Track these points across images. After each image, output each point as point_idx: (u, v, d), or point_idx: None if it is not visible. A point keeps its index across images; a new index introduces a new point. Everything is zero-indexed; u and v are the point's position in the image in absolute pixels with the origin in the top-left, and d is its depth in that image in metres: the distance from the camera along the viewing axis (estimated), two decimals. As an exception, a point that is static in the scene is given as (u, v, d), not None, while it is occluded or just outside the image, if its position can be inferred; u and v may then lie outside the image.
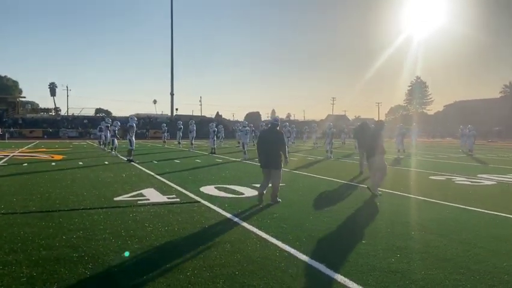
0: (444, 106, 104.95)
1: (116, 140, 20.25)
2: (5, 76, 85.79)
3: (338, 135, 41.21)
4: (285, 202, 7.64)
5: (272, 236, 5.28)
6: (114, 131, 20.57)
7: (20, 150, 23.27)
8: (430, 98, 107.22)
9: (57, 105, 79.89)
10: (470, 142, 24.75)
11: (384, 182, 8.99)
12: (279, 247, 4.81)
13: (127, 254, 4.46)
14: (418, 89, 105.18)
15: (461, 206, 7.56)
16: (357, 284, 3.73)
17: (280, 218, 6.36)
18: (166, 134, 32.38)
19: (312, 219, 6.29)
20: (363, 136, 12.84)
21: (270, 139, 7.82)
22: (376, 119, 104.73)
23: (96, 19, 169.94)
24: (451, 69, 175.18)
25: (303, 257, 4.44)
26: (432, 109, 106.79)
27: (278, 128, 8.14)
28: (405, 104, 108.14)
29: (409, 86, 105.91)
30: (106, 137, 25.73)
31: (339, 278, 3.86)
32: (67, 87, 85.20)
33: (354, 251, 4.68)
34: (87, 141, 38.78)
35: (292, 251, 4.67)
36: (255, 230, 5.59)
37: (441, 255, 4.63)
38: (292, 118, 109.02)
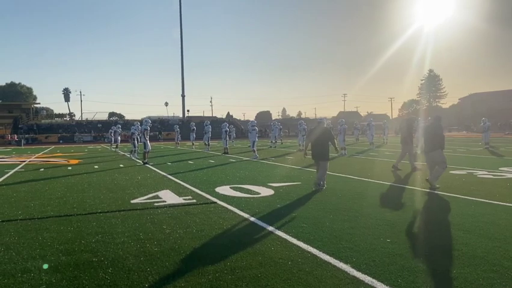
0: (459, 99, 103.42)
1: (136, 143, 20.02)
2: (19, 83, 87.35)
3: (351, 132, 40.84)
4: (302, 201, 7.50)
5: (292, 236, 5.14)
6: (133, 133, 20.54)
7: (36, 155, 23.54)
8: (444, 92, 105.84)
9: (71, 111, 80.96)
10: (487, 135, 24.24)
11: (405, 178, 8.79)
12: (301, 248, 4.67)
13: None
14: (431, 83, 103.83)
15: (486, 201, 7.33)
16: (387, 285, 3.56)
17: (299, 217, 6.22)
18: (178, 135, 32.47)
19: (332, 218, 6.13)
20: (410, 132, 12.86)
21: (319, 135, 9.06)
22: (389, 114, 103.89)
23: (106, 24, 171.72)
24: (464, 62, 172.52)
25: (327, 258, 4.29)
26: (446, 102, 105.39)
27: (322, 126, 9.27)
28: (419, 98, 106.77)
29: (422, 80, 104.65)
30: (116, 140, 26.04)
31: (367, 279, 3.70)
32: (81, 92, 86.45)
33: (379, 251, 4.51)
34: (101, 145, 39.11)
35: (315, 251, 4.53)
36: (274, 230, 5.46)
37: (471, 252, 4.44)
38: (303, 116, 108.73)
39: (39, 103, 77.06)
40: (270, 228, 5.58)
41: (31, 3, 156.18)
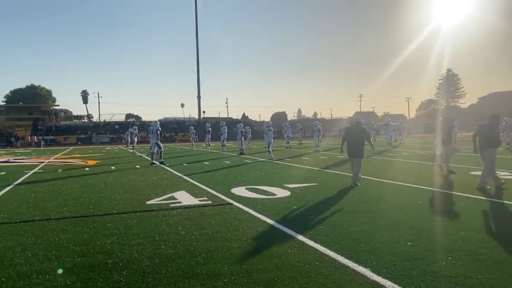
0: (478, 99, 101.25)
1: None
2: (39, 85, 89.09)
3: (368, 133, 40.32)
4: (319, 203, 7.38)
5: (309, 238, 5.03)
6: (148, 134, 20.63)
7: (55, 156, 23.92)
8: (462, 91, 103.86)
9: (89, 112, 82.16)
10: (507, 135, 23.59)
11: (426, 179, 8.58)
12: (318, 250, 4.55)
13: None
14: (450, 82, 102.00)
15: (508, 202, 7.07)
16: (409, 290, 3.43)
17: (316, 219, 6.10)
18: (194, 136, 32.60)
19: (350, 220, 5.99)
20: (450, 131, 12.22)
21: (355, 134, 9.65)
22: (406, 114, 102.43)
23: (123, 27, 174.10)
24: (484, 60, 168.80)
25: (345, 261, 4.16)
26: (465, 102, 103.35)
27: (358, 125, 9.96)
28: (437, 98, 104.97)
29: (440, 79, 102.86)
30: (133, 141, 26.30)
31: (388, 284, 3.56)
32: (98, 94, 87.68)
33: (400, 254, 4.36)
34: (119, 146, 39.56)
35: (333, 254, 4.40)
36: (291, 232, 5.35)
37: (495, 256, 4.26)
38: (318, 116, 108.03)
39: (58, 105, 78.60)
40: (287, 230, 5.48)
41: (51, 7, 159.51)
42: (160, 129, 17.02)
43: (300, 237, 5.08)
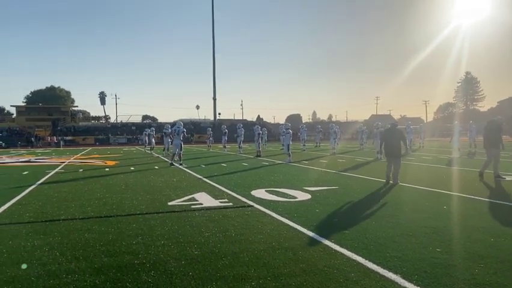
0: (498, 102, 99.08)
1: (170, 144, 20.54)
2: (59, 87, 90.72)
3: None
4: (341, 206, 7.30)
5: (335, 242, 4.96)
6: (165, 133, 21.01)
7: (75, 157, 24.30)
8: (482, 94, 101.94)
9: (107, 113, 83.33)
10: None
11: (452, 185, 8.42)
12: (345, 255, 4.48)
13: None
14: (468, 85, 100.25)
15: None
16: (443, 298, 3.35)
17: (340, 223, 6.03)
18: (211, 138, 32.73)
19: (375, 224, 5.90)
20: (499, 134, 11.54)
21: (392, 136, 10.42)
22: (423, 117, 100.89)
23: (140, 29, 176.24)
24: (504, 63, 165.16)
25: (374, 267, 4.09)
26: (484, 106, 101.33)
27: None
28: (455, 101, 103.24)
29: (458, 82, 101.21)
30: (150, 142, 26.58)
31: (421, 291, 3.49)
32: (116, 95, 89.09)
33: (430, 261, 4.26)
34: (136, 147, 39.99)
35: (361, 259, 4.33)
36: (315, 236, 5.30)
37: (531, 265, 4.12)
38: (334, 119, 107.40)
39: (77, 106, 79.79)
40: (311, 233, 5.42)
41: (71, 10, 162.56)
42: (185, 130, 17.17)
43: (325, 241, 5.02)
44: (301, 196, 8.40)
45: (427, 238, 5.15)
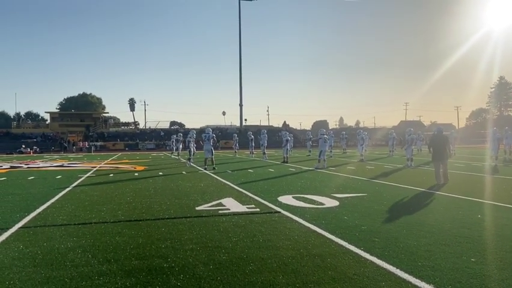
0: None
1: (192, 149, 21.07)
2: (90, 94, 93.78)
3: (414, 142, 38.92)
4: (370, 214, 7.16)
5: (364, 250, 4.87)
6: (188, 141, 21.37)
7: (106, 161, 24.95)
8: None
9: (136, 119, 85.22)
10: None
11: (486, 193, 8.13)
12: (375, 264, 4.39)
13: None
14: (502, 91, 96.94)
15: None
16: (479, 310, 3.22)
17: (369, 230, 5.91)
18: (236, 144, 32.92)
19: (405, 233, 5.75)
20: None
21: (439, 141, 11.66)
22: (455, 124, 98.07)
23: (167, 36, 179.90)
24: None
25: (406, 276, 3.98)
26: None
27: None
28: (488, 107, 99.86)
29: (492, 88, 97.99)
30: (178, 148, 27.04)
31: (456, 302, 3.37)
32: (145, 102, 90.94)
33: (464, 271, 4.11)
34: (164, 152, 40.68)
35: (391, 268, 4.23)
36: (344, 243, 5.22)
37: None
38: (361, 125, 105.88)
39: (107, 112, 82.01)
40: (339, 241, 5.34)
41: (99, 22, 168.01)
42: (214, 135, 17.70)
43: (354, 249, 4.94)
44: (329, 203, 8.30)
45: (461, 247, 4.99)
